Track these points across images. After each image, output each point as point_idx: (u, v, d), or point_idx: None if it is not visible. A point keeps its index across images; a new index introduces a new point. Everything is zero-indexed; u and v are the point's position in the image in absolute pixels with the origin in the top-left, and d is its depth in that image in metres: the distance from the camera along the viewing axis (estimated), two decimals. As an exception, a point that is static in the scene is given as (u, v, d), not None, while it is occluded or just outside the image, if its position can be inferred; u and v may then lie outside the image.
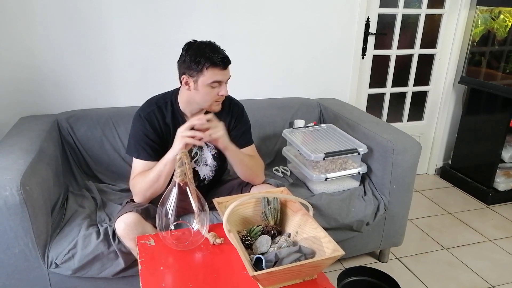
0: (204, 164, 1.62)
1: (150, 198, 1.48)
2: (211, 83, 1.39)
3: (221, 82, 1.42)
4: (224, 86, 1.43)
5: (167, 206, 1.23)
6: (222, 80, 1.42)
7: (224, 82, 1.43)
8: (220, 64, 1.38)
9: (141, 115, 1.49)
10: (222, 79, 1.41)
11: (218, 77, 1.39)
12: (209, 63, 1.36)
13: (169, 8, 2.08)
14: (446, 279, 1.99)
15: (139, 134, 1.48)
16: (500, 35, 2.66)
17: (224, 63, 1.38)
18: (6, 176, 1.34)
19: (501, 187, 2.71)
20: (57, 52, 1.97)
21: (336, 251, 1.09)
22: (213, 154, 1.63)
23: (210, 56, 1.36)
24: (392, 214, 1.94)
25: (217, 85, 1.41)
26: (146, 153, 1.47)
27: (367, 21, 2.56)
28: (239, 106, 1.63)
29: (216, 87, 1.42)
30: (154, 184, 1.41)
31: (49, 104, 2.04)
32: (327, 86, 2.57)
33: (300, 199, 1.30)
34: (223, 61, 1.38)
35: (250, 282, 1.10)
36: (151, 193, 1.44)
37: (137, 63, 2.12)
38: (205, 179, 1.65)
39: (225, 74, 1.41)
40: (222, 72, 1.40)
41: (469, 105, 2.85)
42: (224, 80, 1.43)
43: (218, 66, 1.37)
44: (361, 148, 1.91)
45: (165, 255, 1.21)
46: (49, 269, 1.46)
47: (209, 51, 1.37)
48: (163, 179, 1.40)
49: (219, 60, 1.37)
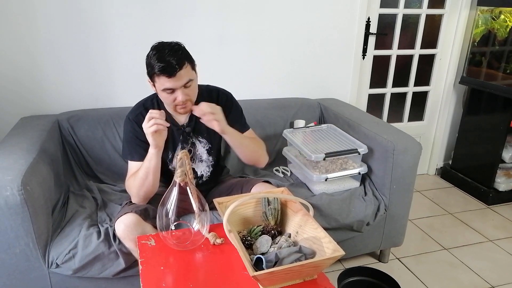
0: (200, 160, 1.62)
1: (146, 198, 1.48)
2: (162, 89, 1.36)
3: (174, 90, 1.35)
4: (180, 92, 1.35)
5: (168, 206, 1.23)
6: (173, 87, 1.34)
7: (179, 88, 1.35)
8: (164, 73, 1.30)
9: (130, 117, 1.52)
10: (173, 86, 1.34)
11: (167, 84, 1.33)
12: (155, 71, 1.32)
13: (170, 9, 2.08)
14: (447, 279, 1.99)
15: (130, 136, 1.50)
16: (500, 35, 2.66)
17: (167, 72, 1.30)
18: (7, 176, 1.34)
19: (502, 187, 2.71)
20: (58, 52, 1.98)
21: (337, 251, 1.09)
22: (207, 149, 1.63)
23: (154, 64, 1.31)
24: (392, 214, 1.94)
25: (171, 92, 1.36)
26: (138, 154, 1.48)
27: (368, 21, 2.56)
28: (227, 95, 1.61)
29: (172, 93, 1.37)
30: (144, 182, 1.41)
31: (50, 104, 2.04)
32: (328, 86, 2.57)
33: (300, 199, 1.30)
34: (165, 70, 1.30)
35: (250, 282, 1.10)
36: (144, 192, 1.44)
37: (138, 63, 2.10)
38: (202, 175, 1.65)
39: (175, 81, 1.32)
40: (170, 80, 1.32)
41: (469, 105, 2.85)
42: (177, 86, 1.34)
43: (163, 74, 1.31)
44: (361, 148, 1.91)
45: (166, 255, 1.22)
46: (49, 269, 1.46)
47: (156, 58, 1.31)
48: (151, 175, 1.40)
49: (161, 69, 1.30)
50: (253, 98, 2.32)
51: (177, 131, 1.55)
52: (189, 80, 1.36)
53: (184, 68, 1.33)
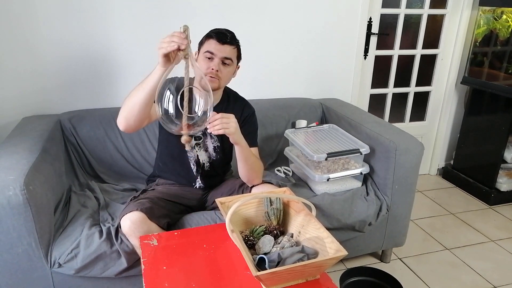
0: (205, 150, 1.67)
1: (125, 117, 1.33)
2: (204, 52, 1.49)
3: (214, 56, 1.48)
4: (217, 61, 1.48)
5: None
6: (215, 53, 1.47)
7: (218, 58, 1.48)
8: (218, 37, 1.47)
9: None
10: (215, 52, 1.47)
11: (211, 48, 1.47)
12: (210, 33, 1.50)
13: (172, 8, 2.08)
14: (448, 280, 1.99)
15: None
16: (502, 35, 2.66)
17: (219, 37, 1.47)
18: (9, 176, 1.34)
19: (504, 187, 2.70)
20: (60, 52, 1.98)
21: (339, 251, 1.09)
22: (214, 146, 1.66)
23: (214, 30, 1.51)
24: (394, 214, 1.94)
25: (210, 57, 1.48)
26: None
27: (369, 21, 2.56)
28: (250, 109, 1.71)
29: (210, 61, 1.48)
30: (135, 94, 1.30)
31: (52, 104, 2.04)
32: (329, 86, 2.57)
33: (302, 199, 1.30)
34: (222, 35, 1.48)
35: (253, 282, 1.10)
36: (130, 108, 1.31)
37: (140, 63, 2.12)
38: (204, 164, 1.68)
39: (220, 49, 1.47)
40: (216, 46, 1.47)
41: (471, 106, 2.85)
42: (218, 54, 1.48)
43: (215, 38, 1.47)
44: (363, 148, 1.90)
45: (168, 255, 1.22)
46: (52, 269, 1.46)
47: (215, 29, 1.52)
48: (144, 92, 1.28)
49: (220, 33, 1.48)
50: (255, 98, 2.31)
51: None
52: (230, 59, 1.51)
53: (232, 46, 1.51)
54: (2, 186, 1.32)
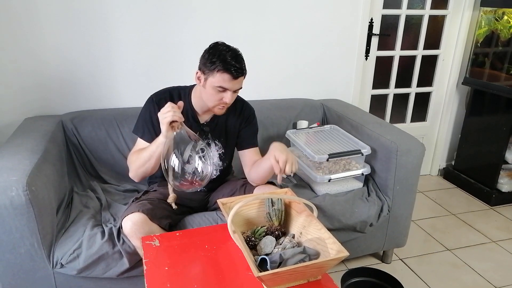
0: (210, 163, 1.62)
1: (142, 177, 1.52)
2: (217, 86, 1.41)
3: (227, 90, 1.42)
4: (229, 94, 1.43)
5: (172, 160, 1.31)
6: (229, 88, 1.42)
7: (231, 91, 1.43)
8: (232, 72, 1.38)
9: (153, 99, 1.54)
10: (229, 87, 1.41)
11: (226, 84, 1.40)
12: (222, 68, 1.38)
13: (173, 9, 2.09)
14: (450, 280, 1.99)
15: (146, 116, 1.53)
16: (504, 36, 2.66)
17: (236, 72, 1.39)
18: (12, 177, 1.35)
19: (505, 188, 2.70)
20: (62, 53, 1.98)
21: (341, 252, 1.10)
22: (220, 154, 1.64)
23: (225, 61, 1.37)
24: (395, 215, 1.94)
25: (222, 91, 1.42)
26: (149, 135, 1.51)
27: (371, 22, 2.56)
28: (250, 109, 1.69)
29: (222, 92, 1.43)
30: (145, 164, 1.44)
31: (54, 105, 2.05)
32: (331, 87, 2.57)
33: (304, 200, 1.30)
34: (236, 70, 1.38)
35: (254, 282, 1.10)
36: (143, 172, 1.48)
37: (142, 64, 2.12)
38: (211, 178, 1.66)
39: (233, 84, 1.41)
40: (231, 81, 1.40)
41: (472, 106, 2.85)
42: (232, 89, 1.42)
43: (229, 73, 1.38)
44: (364, 149, 1.91)
45: (170, 256, 1.22)
46: (54, 269, 1.47)
47: (228, 57, 1.38)
48: (154, 160, 1.42)
49: (233, 68, 1.38)
50: (256, 98, 2.32)
51: (196, 128, 1.56)
52: (240, 88, 1.48)
53: (243, 76, 1.45)
54: (5, 187, 1.32)
